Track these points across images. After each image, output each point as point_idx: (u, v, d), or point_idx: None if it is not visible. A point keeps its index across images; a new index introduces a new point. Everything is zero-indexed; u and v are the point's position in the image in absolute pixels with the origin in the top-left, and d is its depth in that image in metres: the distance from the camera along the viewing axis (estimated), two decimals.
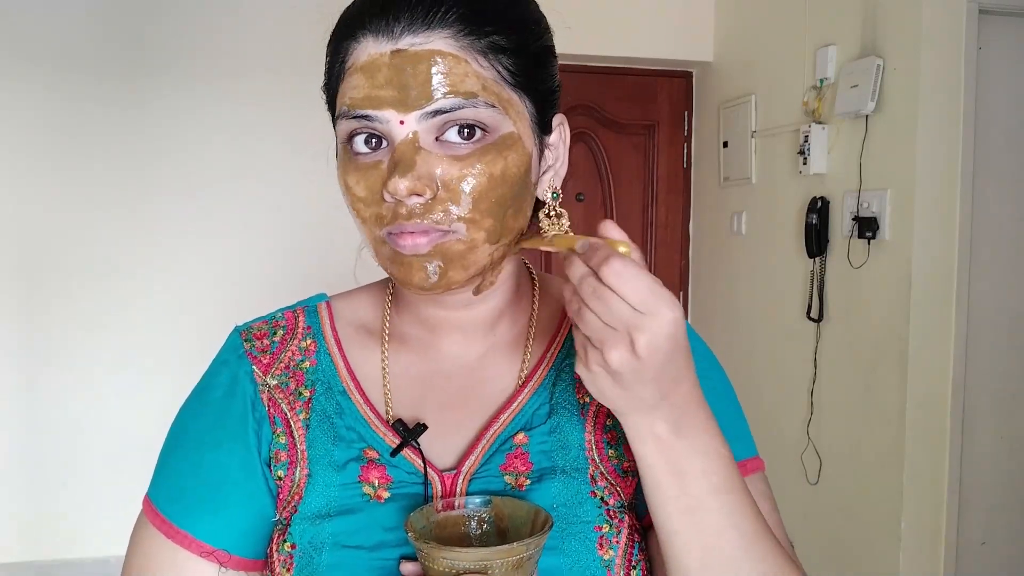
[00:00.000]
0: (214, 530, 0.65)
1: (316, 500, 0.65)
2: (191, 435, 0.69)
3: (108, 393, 3.08)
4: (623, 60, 3.46)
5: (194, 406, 0.71)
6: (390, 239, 0.60)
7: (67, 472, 3.06)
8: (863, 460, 2.55)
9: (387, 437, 0.67)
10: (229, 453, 0.67)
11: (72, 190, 3.04)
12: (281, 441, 0.67)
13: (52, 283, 3.05)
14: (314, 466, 0.66)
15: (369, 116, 0.59)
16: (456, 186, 0.59)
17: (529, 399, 0.68)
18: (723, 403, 0.68)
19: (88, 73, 3.02)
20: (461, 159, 0.59)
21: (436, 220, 0.58)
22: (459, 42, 0.59)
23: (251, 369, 0.70)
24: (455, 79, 0.58)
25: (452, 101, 0.58)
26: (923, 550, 2.41)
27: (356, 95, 0.59)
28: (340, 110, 0.61)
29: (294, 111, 3.06)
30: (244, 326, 0.73)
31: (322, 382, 0.69)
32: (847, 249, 2.58)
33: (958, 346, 2.39)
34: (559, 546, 0.63)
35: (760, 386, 3.09)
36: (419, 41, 0.58)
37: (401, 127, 0.58)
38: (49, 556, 3.04)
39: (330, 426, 0.67)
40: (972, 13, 2.33)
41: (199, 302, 3.12)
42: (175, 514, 0.66)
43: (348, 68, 0.60)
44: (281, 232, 3.20)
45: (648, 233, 3.68)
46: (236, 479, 0.66)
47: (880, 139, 2.46)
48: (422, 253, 0.59)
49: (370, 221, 0.61)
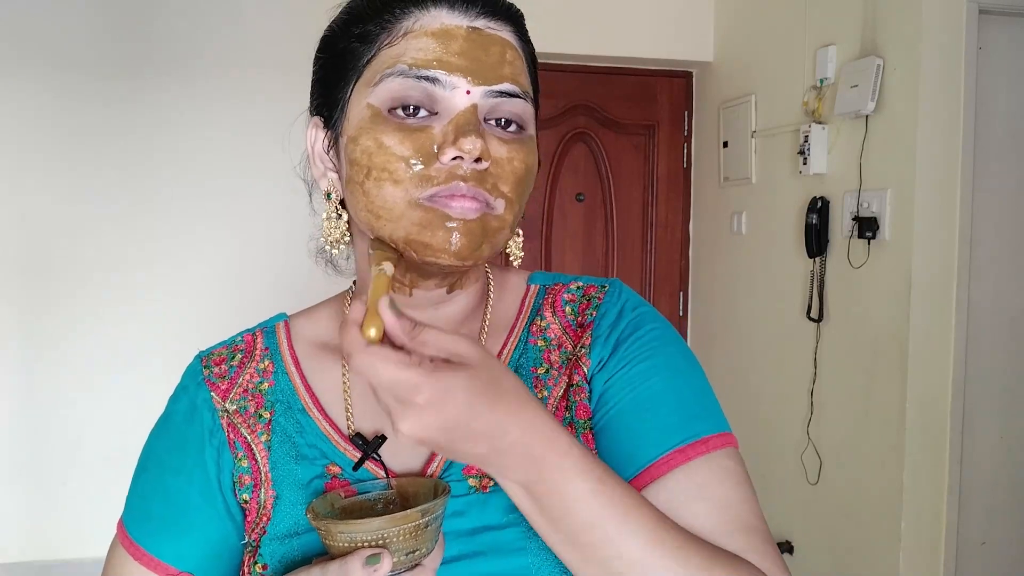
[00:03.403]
0: (179, 554, 0.66)
1: (284, 520, 0.66)
2: (155, 459, 0.70)
3: (108, 393, 3.08)
4: (623, 60, 3.46)
5: (159, 431, 0.72)
6: (435, 201, 0.59)
7: (67, 472, 3.06)
8: (863, 460, 2.54)
9: (348, 452, 0.67)
10: (188, 479, 0.68)
11: (72, 189, 3.04)
12: (243, 465, 0.68)
13: (52, 282, 3.05)
14: (279, 487, 0.66)
15: (436, 78, 0.58)
16: (504, 165, 0.60)
17: None
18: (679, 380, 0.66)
19: (89, 71, 3.02)
20: (508, 143, 0.61)
21: (487, 189, 0.60)
22: (517, 40, 0.63)
23: (209, 396, 0.70)
24: (517, 71, 0.61)
25: (515, 88, 0.61)
26: (923, 550, 2.41)
27: (424, 56, 0.59)
28: (394, 68, 0.59)
29: (296, 110, 3.06)
30: (206, 351, 0.74)
31: (281, 402, 0.69)
32: (847, 249, 2.58)
33: (958, 346, 2.39)
34: (525, 547, 0.62)
35: (760, 386, 3.09)
36: (494, 26, 0.61)
37: (466, 96, 0.59)
38: (49, 556, 3.04)
39: (292, 445, 0.68)
40: (972, 13, 2.33)
41: (200, 301, 3.12)
42: (143, 537, 0.67)
43: (410, 32, 0.60)
44: (282, 231, 3.20)
45: (648, 233, 3.68)
46: (196, 504, 0.67)
47: (880, 139, 2.46)
48: (470, 219, 0.59)
49: (409, 182, 0.59)
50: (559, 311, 0.71)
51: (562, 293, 0.73)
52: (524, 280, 0.76)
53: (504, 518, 0.63)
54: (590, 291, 0.72)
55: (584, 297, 0.72)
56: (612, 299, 0.71)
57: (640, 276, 3.68)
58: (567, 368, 0.68)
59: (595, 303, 0.71)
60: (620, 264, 3.65)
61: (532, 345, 0.70)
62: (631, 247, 3.66)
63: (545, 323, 0.71)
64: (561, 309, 0.71)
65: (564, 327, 0.70)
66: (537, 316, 0.71)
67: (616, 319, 0.69)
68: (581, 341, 0.69)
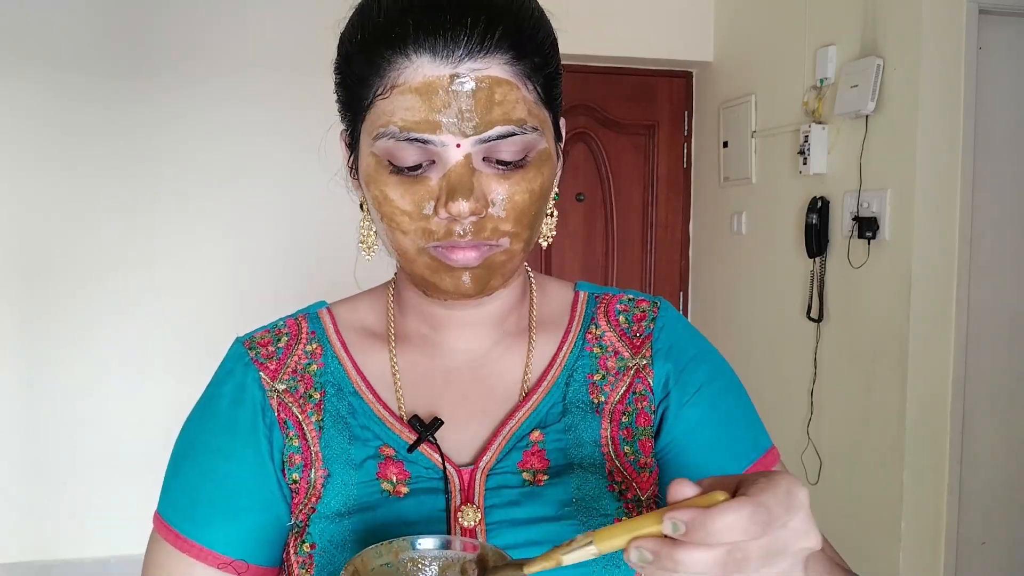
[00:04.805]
0: (230, 540, 0.65)
1: (335, 499, 0.65)
2: (200, 447, 0.69)
3: (108, 393, 3.08)
4: (623, 60, 3.46)
5: (201, 418, 0.70)
6: (437, 251, 0.62)
7: (67, 472, 3.06)
8: (863, 460, 2.54)
9: (403, 434, 0.67)
10: (241, 461, 0.67)
11: (72, 189, 3.04)
12: (294, 444, 0.68)
13: (52, 282, 3.05)
14: (331, 465, 0.67)
15: (426, 140, 0.59)
16: (503, 203, 0.61)
17: (544, 398, 0.69)
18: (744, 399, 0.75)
19: (89, 71, 3.02)
20: (507, 177, 0.61)
21: (486, 236, 0.61)
22: (511, 67, 0.60)
23: (258, 375, 0.70)
24: (509, 107, 0.60)
25: (506, 128, 0.60)
26: (923, 550, 2.41)
27: (411, 117, 0.58)
28: (387, 130, 0.59)
29: (296, 109, 3.06)
30: (246, 336, 0.73)
31: (332, 384, 0.70)
32: (847, 249, 2.58)
33: (958, 346, 2.39)
34: None
35: (760, 386, 3.09)
36: (479, 67, 0.58)
37: (457, 150, 0.59)
38: (49, 556, 3.04)
39: (344, 426, 0.68)
40: (972, 13, 2.33)
41: (200, 301, 3.12)
42: (189, 527, 0.65)
43: (396, 86, 0.59)
44: (283, 232, 3.21)
45: (648, 233, 3.68)
46: (251, 487, 0.66)
47: (880, 139, 2.46)
48: (472, 266, 0.62)
49: (414, 234, 0.61)
50: (613, 320, 0.74)
51: (615, 303, 0.76)
52: (568, 287, 0.78)
53: (559, 510, 0.64)
54: (642, 304, 0.76)
55: (637, 309, 0.75)
56: (667, 316, 0.75)
57: (640, 276, 3.68)
58: (625, 375, 0.71)
59: (651, 316, 0.75)
60: (620, 264, 3.65)
61: (588, 352, 0.72)
62: (631, 247, 3.66)
63: (600, 331, 0.74)
64: (615, 318, 0.74)
65: (619, 335, 0.74)
66: (592, 324, 0.74)
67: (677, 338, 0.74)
68: (642, 352, 0.72)
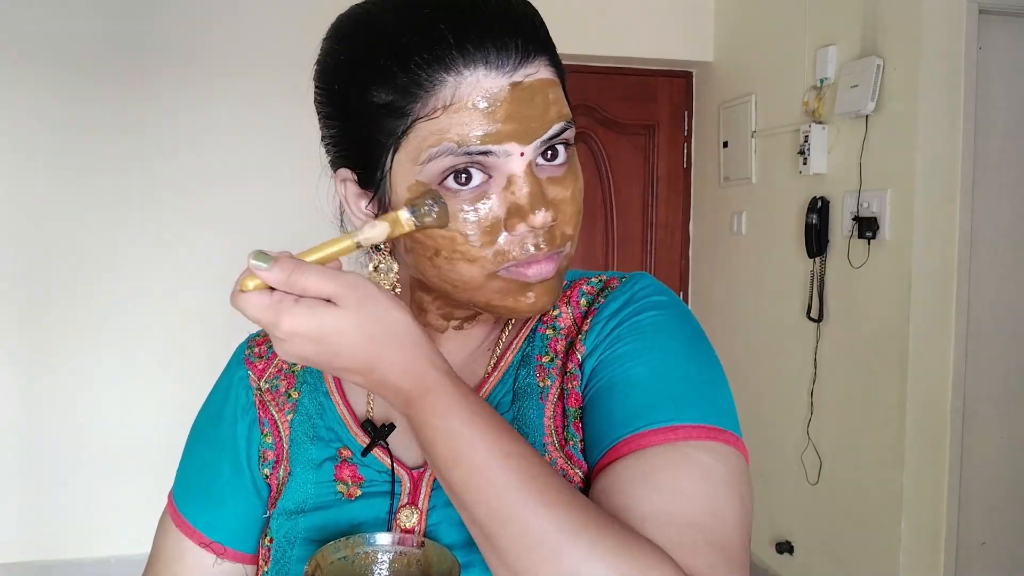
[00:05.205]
0: (211, 524, 0.71)
1: (293, 496, 0.68)
2: (196, 434, 0.75)
3: (108, 393, 3.08)
4: (623, 60, 3.46)
5: (203, 407, 0.77)
6: (511, 272, 0.59)
7: (67, 472, 3.06)
8: (863, 460, 2.54)
9: (359, 437, 0.69)
10: (220, 453, 0.72)
11: (71, 190, 3.04)
12: (268, 441, 0.71)
13: (52, 283, 3.05)
14: (294, 464, 0.69)
15: (490, 151, 0.56)
16: (564, 207, 0.60)
17: (495, 386, 0.67)
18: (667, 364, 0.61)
19: (89, 71, 3.02)
20: (562, 179, 0.60)
21: (558, 244, 0.60)
22: (552, 67, 0.60)
23: (246, 374, 0.74)
24: (560, 102, 0.60)
25: (562, 125, 0.59)
26: (923, 550, 2.41)
27: (470, 131, 0.55)
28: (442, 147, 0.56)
29: (295, 110, 3.06)
30: (254, 334, 0.78)
31: (308, 383, 0.73)
32: (847, 249, 2.58)
33: (958, 346, 2.39)
34: None
35: (760, 386, 3.09)
36: (532, 72, 0.58)
37: (520, 159, 0.57)
38: (49, 556, 3.04)
39: (311, 426, 0.71)
40: (972, 13, 2.33)
41: (199, 302, 3.11)
42: (183, 506, 0.72)
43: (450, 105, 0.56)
44: (282, 232, 3.20)
45: (648, 233, 3.68)
46: (228, 477, 0.72)
47: (880, 139, 2.46)
48: (548, 278, 0.60)
49: (483, 259, 0.58)
50: (573, 302, 0.70)
51: (581, 285, 0.71)
52: None
53: None
54: (611, 282, 0.70)
55: (603, 287, 0.70)
56: (625, 287, 0.68)
57: None
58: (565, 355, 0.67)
59: (607, 292, 0.68)
60: (620, 264, 3.65)
61: (540, 334, 0.69)
62: (631, 247, 3.66)
63: (557, 312, 0.69)
64: (576, 300, 0.70)
65: (575, 317, 0.69)
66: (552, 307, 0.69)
67: (621, 306, 0.66)
68: (581, 327, 0.67)
